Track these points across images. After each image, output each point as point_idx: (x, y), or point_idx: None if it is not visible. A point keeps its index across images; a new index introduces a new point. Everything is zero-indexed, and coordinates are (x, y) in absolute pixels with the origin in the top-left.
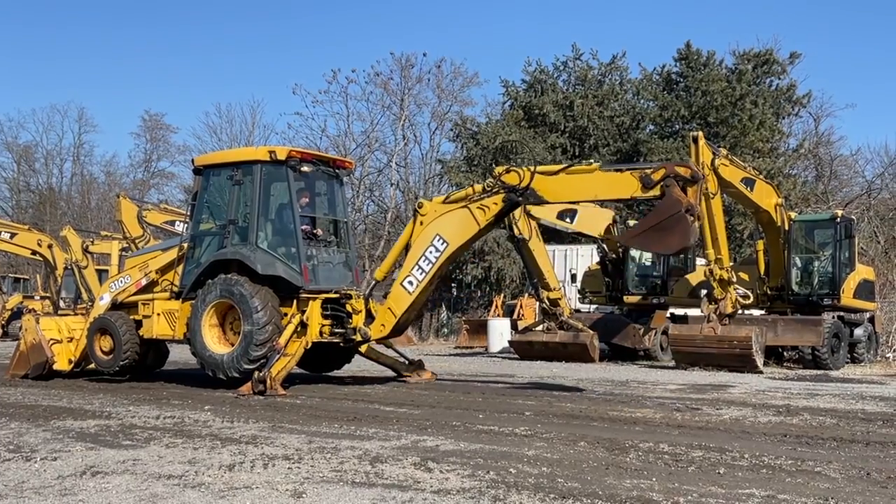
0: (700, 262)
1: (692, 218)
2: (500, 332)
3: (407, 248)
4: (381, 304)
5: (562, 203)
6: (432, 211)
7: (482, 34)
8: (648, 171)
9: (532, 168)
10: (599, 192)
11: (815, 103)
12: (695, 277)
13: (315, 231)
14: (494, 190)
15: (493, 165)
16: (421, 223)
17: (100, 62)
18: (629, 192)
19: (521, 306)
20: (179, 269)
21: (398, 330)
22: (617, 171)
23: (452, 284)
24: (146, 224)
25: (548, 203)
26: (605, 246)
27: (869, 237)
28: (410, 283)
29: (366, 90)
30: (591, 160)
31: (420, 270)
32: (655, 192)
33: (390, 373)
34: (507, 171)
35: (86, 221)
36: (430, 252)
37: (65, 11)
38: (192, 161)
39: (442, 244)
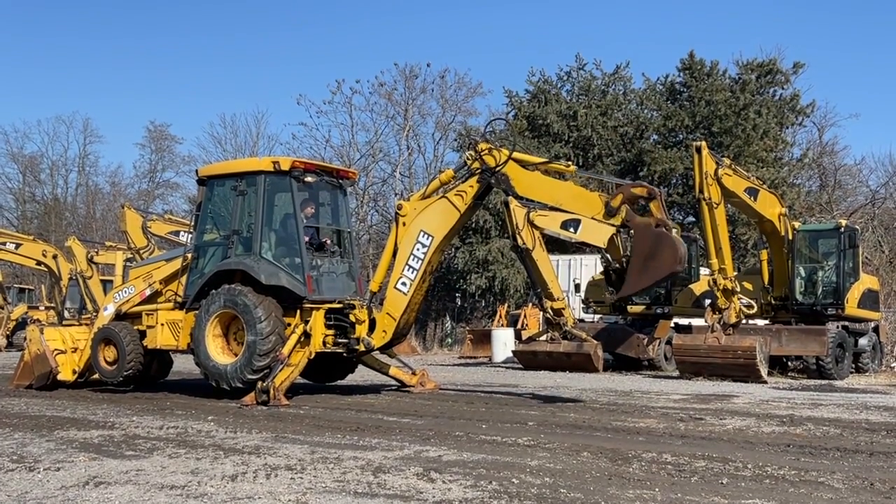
0: (704, 271)
1: (668, 230)
2: (503, 342)
3: (395, 253)
4: (379, 311)
5: (530, 199)
6: (412, 209)
7: (486, 44)
8: (610, 199)
9: (509, 150)
10: (565, 202)
11: (818, 113)
12: (698, 287)
13: (324, 241)
14: (469, 172)
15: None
16: (403, 224)
17: (105, 73)
18: (592, 212)
19: (524, 316)
20: (183, 279)
21: (400, 334)
22: (586, 185)
23: (456, 294)
24: (151, 234)
25: (516, 195)
26: (608, 256)
27: (873, 246)
28: (404, 283)
29: (370, 101)
30: (569, 162)
31: (411, 269)
32: (617, 220)
33: (393, 383)
34: (489, 151)
35: (90, 232)
36: (418, 249)
37: (69, 22)
38: (197, 172)
39: (427, 238)
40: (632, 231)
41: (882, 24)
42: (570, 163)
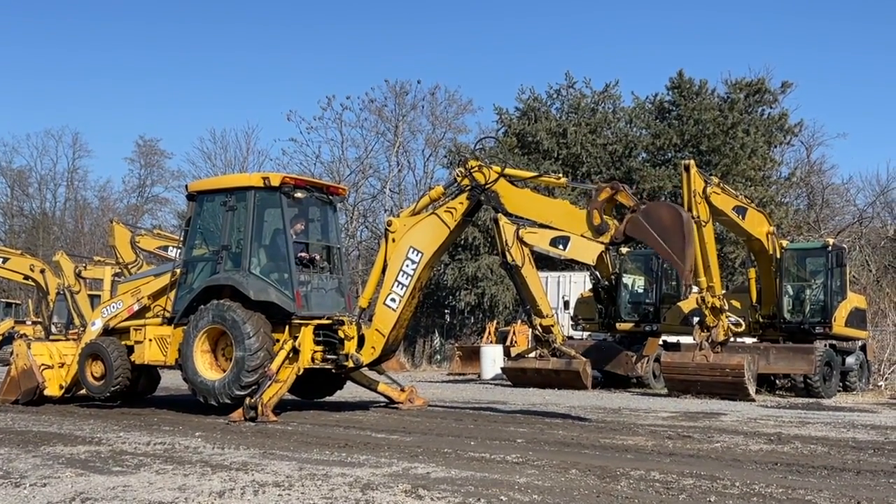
0: (692, 289)
1: (644, 206)
2: (492, 358)
3: (384, 269)
4: (368, 327)
5: (520, 216)
6: (402, 226)
7: (476, 62)
8: (592, 220)
9: (500, 169)
10: (555, 219)
11: (806, 132)
12: (687, 305)
13: (314, 257)
14: (459, 189)
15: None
16: (393, 240)
17: (94, 88)
18: (582, 229)
19: (513, 333)
20: (172, 294)
21: (389, 350)
22: (575, 203)
23: (445, 311)
24: (139, 249)
25: (505, 212)
26: (597, 273)
27: (860, 265)
28: (393, 300)
29: (360, 117)
30: (560, 175)
31: (400, 286)
32: (606, 237)
33: (382, 399)
34: (479, 169)
35: (79, 246)
36: (407, 265)
37: (58, 36)
38: (186, 187)
39: (417, 255)
40: (635, 240)
41: (870, 44)
42: (560, 175)
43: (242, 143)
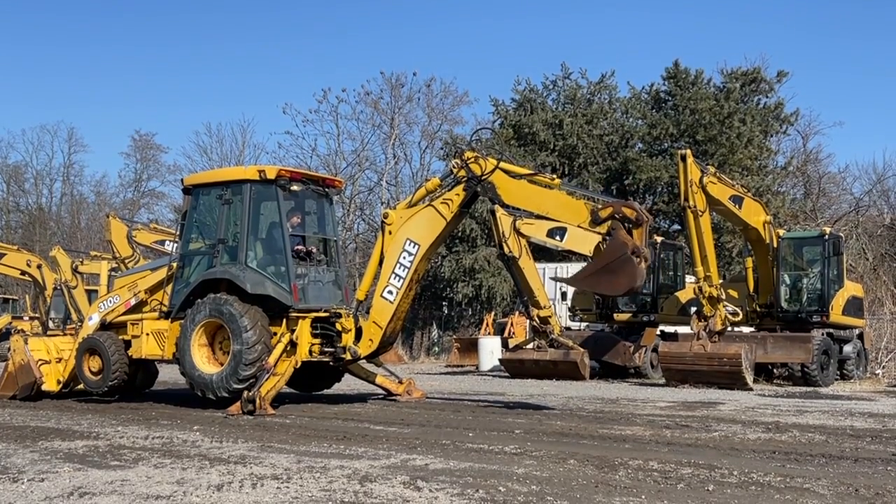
0: (689, 279)
1: (638, 260)
2: (490, 350)
3: (381, 261)
4: (366, 319)
5: (517, 207)
6: (398, 218)
7: (472, 53)
8: (598, 208)
9: (496, 160)
10: (551, 210)
11: (802, 121)
12: (684, 295)
13: (310, 249)
14: (455, 180)
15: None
16: (390, 232)
17: (90, 82)
18: (578, 220)
19: (511, 324)
20: (169, 288)
21: (387, 342)
22: (571, 194)
23: (443, 303)
24: (136, 244)
25: (502, 203)
26: None
27: (857, 254)
28: (390, 292)
29: (356, 109)
30: (554, 175)
31: (397, 278)
32: (602, 229)
33: (380, 392)
34: (475, 160)
35: (75, 241)
36: (404, 257)
37: (53, 31)
38: (182, 181)
39: (413, 247)
40: (610, 237)
41: (866, 32)
42: (554, 176)
43: (238, 137)
